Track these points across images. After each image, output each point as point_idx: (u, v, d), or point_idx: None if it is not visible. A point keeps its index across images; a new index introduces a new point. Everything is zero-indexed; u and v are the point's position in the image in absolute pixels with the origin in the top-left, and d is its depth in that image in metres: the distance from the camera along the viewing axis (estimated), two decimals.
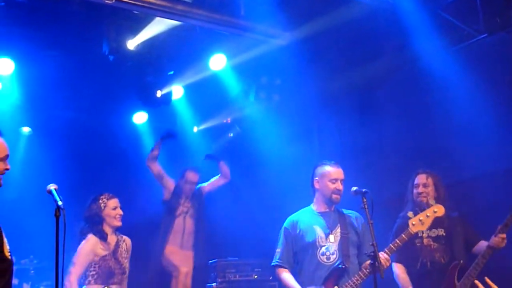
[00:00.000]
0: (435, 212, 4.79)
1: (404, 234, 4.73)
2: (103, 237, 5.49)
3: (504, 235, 4.88)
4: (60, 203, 3.59)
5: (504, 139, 5.84)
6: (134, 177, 7.92)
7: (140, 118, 7.92)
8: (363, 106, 6.65)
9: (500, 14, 5.43)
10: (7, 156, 3.49)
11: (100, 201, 5.54)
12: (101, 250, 5.48)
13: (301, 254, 5.05)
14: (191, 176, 7.44)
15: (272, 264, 5.15)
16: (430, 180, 5.37)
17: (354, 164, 6.33)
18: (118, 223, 5.57)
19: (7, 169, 3.49)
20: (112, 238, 5.56)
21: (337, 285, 4.83)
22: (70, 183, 4.40)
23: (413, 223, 4.72)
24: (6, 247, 3.33)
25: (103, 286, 5.24)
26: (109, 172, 7.77)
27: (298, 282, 5.01)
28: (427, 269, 5.20)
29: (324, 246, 4.96)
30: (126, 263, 5.54)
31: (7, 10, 5.62)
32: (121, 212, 5.57)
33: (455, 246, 5.16)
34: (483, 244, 5.10)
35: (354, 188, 4.58)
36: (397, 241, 4.71)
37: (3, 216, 3.44)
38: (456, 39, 6.14)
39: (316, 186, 5.12)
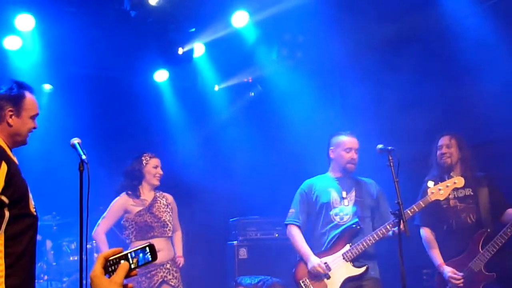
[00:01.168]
0: (455, 183, 4.85)
1: (421, 201, 4.82)
2: (135, 194, 5.60)
3: None
4: (84, 157, 3.58)
5: None
6: (154, 135, 7.90)
7: (161, 76, 7.85)
8: (388, 64, 6.49)
9: None
10: (37, 115, 3.47)
11: (143, 158, 5.71)
12: (133, 206, 5.59)
13: (315, 216, 5.16)
14: None
15: (285, 222, 5.27)
16: (453, 141, 5.32)
17: (378, 123, 6.24)
18: (157, 182, 5.72)
19: (34, 128, 3.48)
20: (149, 195, 5.69)
21: (349, 243, 4.93)
22: (91, 140, 4.37)
23: (432, 191, 4.81)
24: (32, 203, 3.34)
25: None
26: (130, 129, 7.76)
27: (310, 245, 5.10)
28: (453, 229, 5.15)
29: (338, 207, 5.08)
30: (166, 216, 5.63)
31: None
32: (161, 172, 5.74)
33: (481, 205, 5.09)
34: (511, 212, 5.02)
35: (380, 146, 4.52)
36: (414, 207, 4.79)
37: (27, 173, 3.42)
38: None
39: (331, 155, 5.25)
